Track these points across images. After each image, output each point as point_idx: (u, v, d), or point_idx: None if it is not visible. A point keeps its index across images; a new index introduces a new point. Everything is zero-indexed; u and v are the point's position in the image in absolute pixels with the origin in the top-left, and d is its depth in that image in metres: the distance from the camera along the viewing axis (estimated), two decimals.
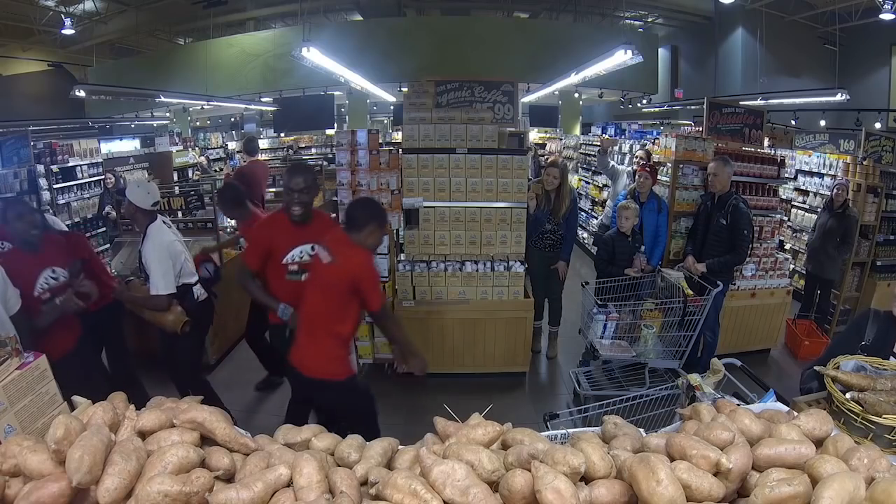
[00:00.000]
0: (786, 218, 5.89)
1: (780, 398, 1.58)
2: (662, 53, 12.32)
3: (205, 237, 4.36)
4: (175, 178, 8.97)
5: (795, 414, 1.26)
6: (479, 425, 1.21)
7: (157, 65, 10.97)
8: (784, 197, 5.95)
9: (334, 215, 3.57)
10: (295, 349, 2.27)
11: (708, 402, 1.63)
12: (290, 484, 1.05)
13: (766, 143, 5.39)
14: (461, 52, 9.30)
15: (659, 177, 4.33)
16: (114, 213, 5.63)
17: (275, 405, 3.60)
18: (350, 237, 2.21)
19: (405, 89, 6.94)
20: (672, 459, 1.03)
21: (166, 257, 2.76)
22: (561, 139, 11.85)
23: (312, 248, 2.50)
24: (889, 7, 6.66)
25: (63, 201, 6.40)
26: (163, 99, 7.89)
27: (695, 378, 1.87)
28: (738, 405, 1.58)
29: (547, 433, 1.30)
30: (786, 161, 5.26)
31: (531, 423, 1.31)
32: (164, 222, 2.93)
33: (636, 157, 5.30)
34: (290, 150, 13.43)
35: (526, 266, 3.85)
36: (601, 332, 3.52)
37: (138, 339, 3.67)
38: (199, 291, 3.06)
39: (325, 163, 9.01)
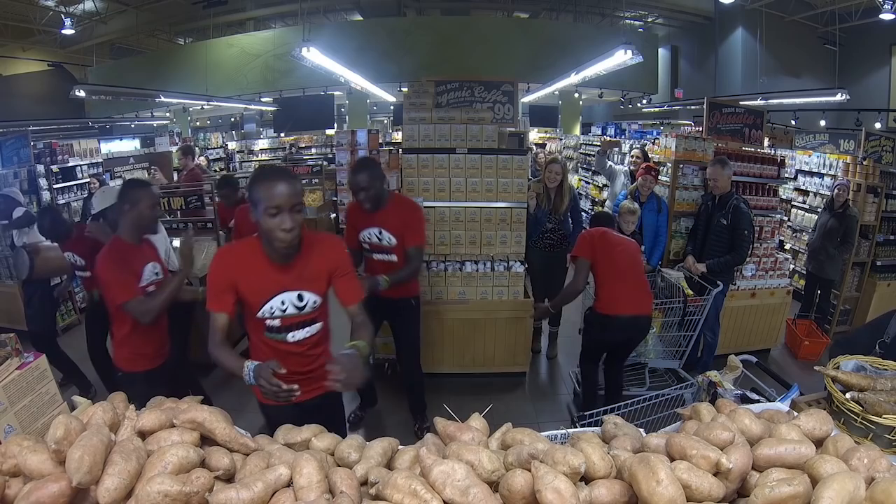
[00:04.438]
0: (786, 218, 5.89)
1: None
2: (662, 53, 12.32)
3: (205, 237, 4.36)
4: (175, 178, 8.97)
5: (795, 414, 1.26)
6: (469, 429, 1.22)
7: (157, 65, 10.97)
8: (784, 197, 5.95)
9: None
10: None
11: (730, 398, 1.63)
12: (290, 484, 1.05)
13: (766, 143, 5.39)
14: (461, 52, 9.30)
15: (659, 177, 4.34)
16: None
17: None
18: None
19: (405, 89, 6.94)
20: (672, 459, 1.03)
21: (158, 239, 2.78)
22: (561, 139, 11.85)
23: (380, 232, 2.82)
24: (889, 7, 6.67)
25: (63, 201, 6.40)
26: (163, 99, 7.89)
27: (715, 375, 1.88)
28: (759, 401, 1.58)
29: (547, 433, 1.30)
30: (786, 161, 5.26)
31: (531, 423, 1.31)
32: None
33: (632, 157, 5.31)
34: (293, 149, 13.44)
35: (526, 266, 3.85)
36: None
37: None
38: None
39: (325, 163, 9.00)
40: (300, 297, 1.70)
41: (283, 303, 1.68)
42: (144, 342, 2.27)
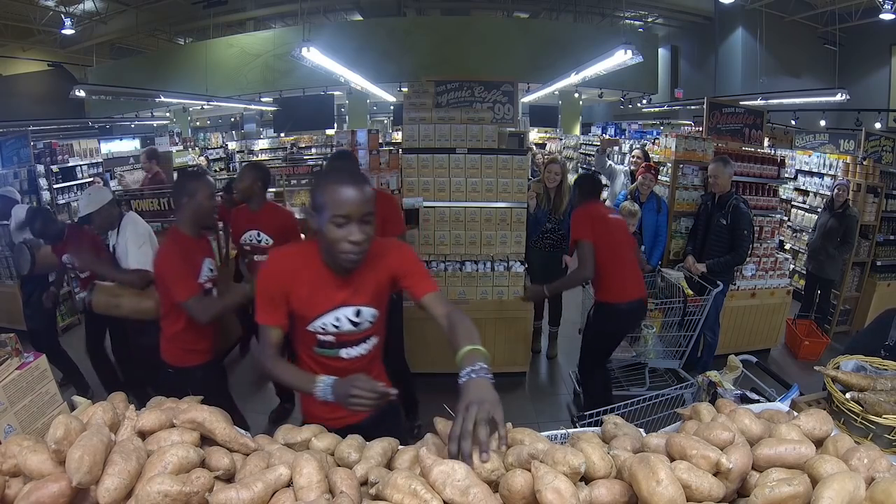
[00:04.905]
0: (786, 218, 5.89)
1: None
2: (662, 53, 12.32)
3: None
4: (175, 177, 8.97)
5: (795, 414, 1.26)
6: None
7: (157, 65, 10.97)
8: (784, 197, 5.95)
9: None
10: None
11: (730, 398, 1.63)
12: (290, 484, 1.05)
13: (766, 143, 5.39)
14: (461, 52, 9.30)
15: (659, 177, 4.34)
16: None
17: (273, 405, 3.60)
18: None
19: (405, 89, 6.94)
20: (672, 459, 1.03)
21: (146, 240, 2.77)
22: (561, 139, 11.87)
23: None
24: (889, 7, 6.67)
25: (63, 201, 6.40)
26: (163, 99, 7.89)
27: (715, 375, 1.88)
28: (759, 401, 1.58)
29: (547, 433, 1.30)
30: (786, 161, 5.26)
31: (531, 423, 1.30)
32: (137, 213, 2.99)
33: (633, 157, 5.31)
34: (293, 149, 13.42)
35: (526, 266, 3.86)
36: None
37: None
38: None
39: (325, 163, 8.99)
40: (357, 313, 1.53)
41: (337, 319, 1.50)
42: (197, 338, 2.24)
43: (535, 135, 12.52)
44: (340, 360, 1.57)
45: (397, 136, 10.85)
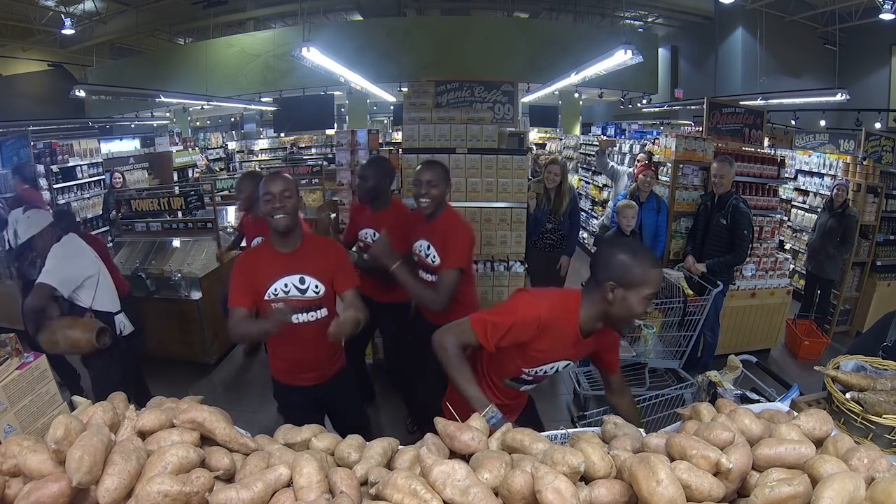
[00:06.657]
0: (786, 218, 5.89)
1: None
2: (662, 53, 12.31)
3: (205, 237, 4.36)
4: (175, 178, 8.97)
5: (795, 414, 1.26)
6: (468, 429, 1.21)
7: (157, 65, 10.97)
8: (784, 197, 5.95)
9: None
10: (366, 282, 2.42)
11: (730, 398, 1.63)
12: (290, 484, 1.05)
13: (766, 143, 5.39)
14: (461, 52, 9.29)
15: (659, 177, 4.34)
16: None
17: (275, 405, 3.60)
18: None
19: (405, 89, 6.94)
20: (672, 459, 1.03)
21: (73, 255, 2.55)
22: (561, 139, 11.85)
23: (374, 234, 2.89)
24: (889, 7, 6.66)
25: (63, 201, 6.41)
26: (163, 99, 7.88)
27: (715, 375, 1.88)
28: (759, 401, 1.58)
29: (547, 433, 1.30)
30: (786, 161, 5.26)
31: None
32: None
33: (638, 160, 5.31)
34: (293, 149, 13.43)
35: (526, 266, 3.85)
36: None
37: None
38: (123, 324, 2.75)
39: (325, 163, 8.99)
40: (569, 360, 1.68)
41: (557, 369, 1.66)
42: (273, 350, 2.14)
43: (535, 135, 12.52)
44: (518, 392, 1.72)
45: (397, 136, 10.85)
